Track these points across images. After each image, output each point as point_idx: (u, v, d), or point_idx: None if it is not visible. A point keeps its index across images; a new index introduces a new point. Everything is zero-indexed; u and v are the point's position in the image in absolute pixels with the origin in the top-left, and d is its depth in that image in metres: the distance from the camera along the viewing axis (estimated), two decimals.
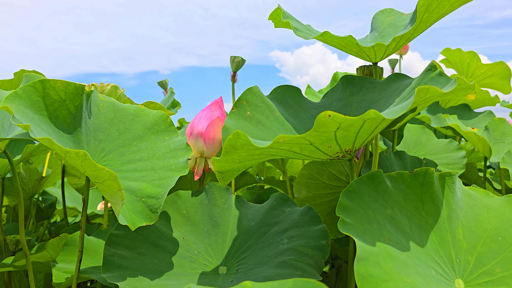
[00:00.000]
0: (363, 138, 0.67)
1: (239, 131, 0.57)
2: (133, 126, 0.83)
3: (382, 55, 0.97)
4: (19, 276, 1.25)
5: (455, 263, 0.60)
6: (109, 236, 0.75)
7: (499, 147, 1.33)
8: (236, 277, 0.71)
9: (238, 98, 0.87)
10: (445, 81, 0.71)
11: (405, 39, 0.91)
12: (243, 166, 0.73)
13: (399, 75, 0.91)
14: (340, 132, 0.60)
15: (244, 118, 0.84)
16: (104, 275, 0.68)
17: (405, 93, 0.78)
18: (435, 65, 0.75)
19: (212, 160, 0.67)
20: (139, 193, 0.71)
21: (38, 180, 1.52)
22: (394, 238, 0.58)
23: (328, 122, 0.54)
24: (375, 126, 0.63)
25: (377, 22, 1.08)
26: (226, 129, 0.81)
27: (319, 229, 0.76)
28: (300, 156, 0.70)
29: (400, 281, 0.48)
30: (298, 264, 0.68)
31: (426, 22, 0.87)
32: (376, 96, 0.89)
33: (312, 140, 0.60)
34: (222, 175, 0.74)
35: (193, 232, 0.82)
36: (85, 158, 0.61)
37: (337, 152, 0.69)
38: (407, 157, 1.17)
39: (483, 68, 1.78)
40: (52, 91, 0.74)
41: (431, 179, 0.67)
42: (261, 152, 0.65)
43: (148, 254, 0.75)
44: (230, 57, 1.34)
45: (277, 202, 0.86)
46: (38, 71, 1.15)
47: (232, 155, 0.63)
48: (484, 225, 0.65)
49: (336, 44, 0.95)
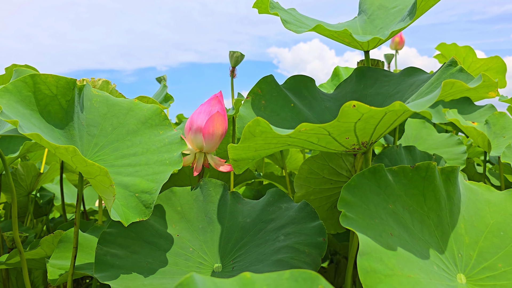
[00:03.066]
0: (381, 131, 0.67)
1: (259, 118, 0.57)
2: (127, 121, 0.81)
3: (375, 44, 0.95)
4: (16, 273, 1.24)
5: (457, 258, 0.59)
6: (101, 234, 0.73)
7: (499, 142, 1.32)
8: (231, 275, 0.69)
9: (253, 87, 0.87)
10: (465, 77, 0.71)
11: (399, 29, 0.89)
12: (258, 154, 0.73)
13: (414, 69, 0.90)
14: (360, 124, 0.59)
15: (259, 107, 0.85)
16: (96, 275, 0.67)
17: (423, 88, 0.77)
18: (456, 61, 0.74)
19: (229, 147, 0.66)
20: (133, 188, 0.70)
21: (36, 176, 1.51)
22: (397, 233, 0.56)
23: (351, 112, 0.54)
24: (394, 118, 0.63)
25: (366, 3, 1.04)
26: (241, 117, 0.82)
27: (315, 226, 0.74)
28: (316, 146, 0.69)
29: (403, 276, 0.47)
30: (295, 262, 0.67)
31: (422, 9, 0.85)
32: (392, 90, 0.88)
33: (331, 130, 0.60)
34: (237, 163, 0.74)
35: (188, 229, 0.80)
36: (75, 154, 0.59)
37: (353, 144, 0.69)
38: (417, 152, 1.16)
39: (478, 63, 1.77)
40: (43, 86, 0.73)
41: (433, 174, 0.65)
42: (278, 141, 0.65)
43: (142, 252, 0.73)
44: (229, 52, 1.32)
45: (273, 198, 0.85)
46: (32, 66, 1.13)
47: (249, 142, 0.63)
48: (486, 219, 0.64)
49: (329, 35, 0.93)
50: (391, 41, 2.30)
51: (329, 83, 1.74)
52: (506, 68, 1.76)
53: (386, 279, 0.46)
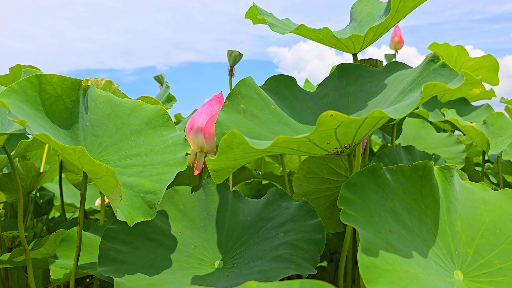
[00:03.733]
0: (363, 134, 0.67)
1: (235, 130, 0.55)
2: (131, 121, 0.82)
3: (361, 46, 0.95)
4: (17, 272, 1.25)
5: (454, 255, 0.60)
6: (105, 230, 0.75)
7: (497, 141, 1.34)
8: (231, 271, 0.71)
9: (231, 90, 0.84)
10: (448, 73, 0.70)
11: (382, 29, 0.89)
12: (238, 163, 0.72)
13: (397, 63, 0.89)
14: (341, 129, 0.59)
15: (238, 111, 0.82)
16: (99, 269, 0.68)
17: (405, 85, 0.77)
18: (438, 55, 0.74)
19: (207, 159, 0.66)
20: (137, 189, 0.71)
21: (35, 176, 1.51)
22: (395, 230, 0.58)
23: (329, 121, 0.53)
24: (376, 122, 0.63)
25: (356, 12, 1.06)
26: (220, 123, 0.79)
27: (314, 223, 0.75)
28: (297, 152, 0.69)
29: (402, 271, 0.49)
30: (293, 258, 0.68)
31: (402, 10, 0.84)
32: (374, 87, 0.88)
33: (311, 137, 0.59)
34: (217, 173, 0.72)
35: (190, 227, 0.81)
36: (83, 154, 0.60)
37: (336, 148, 0.69)
38: (416, 152, 1.17)
39: (471, 62, 1.79)
40: (49, 86, 0.74)
41: (430, 173, 0.67)
42: (257, 150, 0.64)
43: (144, 248, 0.75)
44: (227, 52, 1.33)
45: (273, 197, 0.86)
46: (34, 66, 1.13)
47: (227, 154, 0.62)
48: (482, 218, 0.66)
49: (313, 37, 0.92)
50: (390, 41, 2.31)
51: None
52: (498, 66, 1.78)
53: (386, 274, 0.48)
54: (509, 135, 1.33)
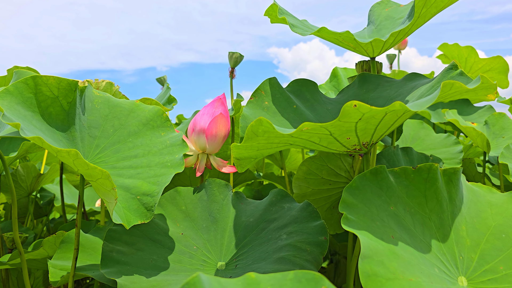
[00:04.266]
0: (381, 132, 0.68)
1: (262, 117, 0.58)
2: (129, 122, 0.81)
3: (380, 50, 0.97)
4: (17, 273, 1.24)
5: (458, 261, 0.59)
6: (107, 231, 0.74)
7: (498, 142, 1.32)
8: (234, 273, 0.70)
9: (257, 87, 0.89)
10: (465, 81, 0.72)
11: (403, 34, 0.90)
12: (261, 154, 0.74)
13: (416, 74, 0.92)
14: (361, 124, 0.60)
15: (262, 108, 0.87)
16: (102, 271, 0.68)
17: (423, 91, 0.78)
18: (456, 64, 0.76)
19: (232, 146, 0.67)
20: (134, 191, 0.70)
21: (36, 177, 1.51)
22: (398, 235, 0.57)
23: (352, 112, 0.54)
24: (395, 119, 0.64)
25: (374, 14, 1.07)
26: (245, 117, 0.84)
27: (317, 225, 0.75)
28: (317, 146, 0.70)
29: (405, 280, 0.48)
30: (296, 260, 0.68)
31: (424, 16, 0.86)
32: (393, 94, 0.90)
33: (332, 130, 0.60)
34: (240, 162, 0.75)
35: (192, 228, 0.81)
36: (77, 157, 0.59)
37: (354, 145, 0.70)
38: (414, 153, 1.17)
39: (480, 63, 1.77)
40: (45, 87, 0.73)
41: (435, 175, 0.66)
42: (280, 141, 0.66)
43: (147, 249, 0.75)
44: (228, 53, 1.32)
45: (276, 198, 0.86)
46: (33, 68, 1.12)
47: (252, 141, 0.64)
48: (487, 222, 0.64)
49: (333, 39, 0.95)
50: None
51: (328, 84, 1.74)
52: (508, 68, 1.76)
53: (388, 283, 0.47)
54: (510, 135, 1.31)
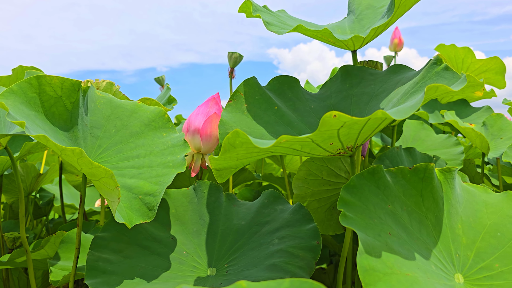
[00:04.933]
0: (365, 135, 0.67)
1: (239, 130, 0.56)
2: (131, 123, 0.82)
3: (361, 44, 0.92)
4: (18, 273, 1.25)
5: (454, 258, 0.60)
6: (93, 239, 0.71)
7: (497, 143, 1.33)
8: (225, 280, 0.68)
9: (235, 90, 0.84)
10: (451, 76, 0.70)
11: (383, 27, 0.87)
12: (241, 163, 0.72)
13: (400, 66, 0.88)
14: (343, 130, 0.59)
15: (241, 111, 0.82)
16: (87, 282, 0.65)
17: (408, 87, 0.76)
18: (440, 58, 0.73)
19: (210, 158, 0.65)
20: (136, 191, 0.71)
21: (35, 177, 1.51)
22: (395, 233, 0.58)
23: (332, 121, 0.53)
24: (378, 123, 0.63)
25: (354, 3, 1.03)
26: (223, 123, 0.79)
27: (310, 229, 0.73)
28: (300, 153, 0.69)
29: (402, 274, 0.49)
30: (288, 267, 0.66)
31: (404, 6, 0.83)
32: (377, 89, 0.87)
33: (314, 138, 0.59)
34: (220, 173, 0.72)
35: (182, 232, 0.78)
36: (81, 156, 0.60)
37: (338, 149, 0.68)
38: (417, 154, 1.17)
39: (477, 64, 1.78)
40: (48, 87, 0.74)
41: (431, 175, 0.67)
42: (260, 150, 0.64)
43: (135, 257, 0.71)
44: (227, 53, 1.33)
45: (268, 200, 0.83)
46: (37, 68, 1.13)
47: (230, 153, 0.62)
48: (483, 220, 0.65)
49: (312, 35, 0.91)
50: (390, 43, 2.31)
51: None
52: (505, 68, 1.77)
53: (385, 278, 0.47)
54: (508, 136, 1.33)
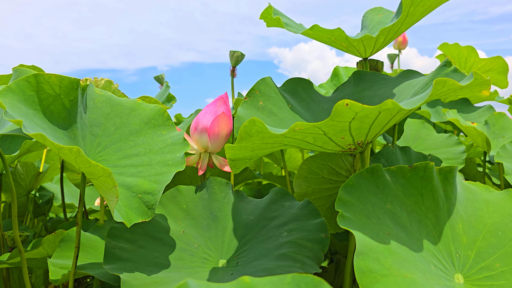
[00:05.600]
0: (376, 131, 0.68)
1: (255, 118, 0.57)
2: (130, 121, 0.82)
3: (372, 50, 0.97)
4: (19, 272, 1.25)
5: (454, 258, 0.59)
6: (110, 229, 0.75)
7: (499, 142, 1.33)
8: (235, 270, 0.71)
9: (251, 88, 0.88)
10: (459, 78, 0.71)
11: (393, 33, 0.91)
12: (256, 154, 0.74)
13: (411, 71, 0.92)
14: (355, 123, 0.60)
15: (257, 108, 0.86)
16: (106, 267, 0.69)
17: (418, 88, 0.79)
18: (450, 61, 0.76)
19: (226, 147, 0.67)
20: (135, 189, 0.71)
21: (35, 175, 1.51)
22: (394, 233, 0.57)
23: (345, 111, 0.54)
24: (389, 118, 0.63)
25: (367, 20, 1.09)
26: (239, 118, 0.83)
27: (318, 223, 0.76)
28: (312, 146, 0.70)
29: (400, 276, 0.48)
30: (297, 256, 0.69)
31: (412, 15, 0.86)
32: (388, 92, 0.90)
33: (326, 130, 0.60)
34: (234, 163, 0.75)
35: (193, 226, 0.82)
36: (79, 155, 0.60)
37: (349, 144, 0.69)
38: (412, 153, 1.17)
39: (480, 63, 1.78)
40: (46, 85, 0.73)
41: (431, 174, 0.66)
42: (275, 141, 0.65)
43: (149, 247, 0.76)
44: (229, 52, 1.33)
45: (276, 197, 0.86)
46: (38, 67, 1.13)
47: (246, 142, 0.63)
48: (484, 219, 0.65)
49: (326, 39, 0.95)
50: (394, 41, 2.31)
51: (329, 83, 1.75)
52: (508, 68, 1.77)
53: (382, 279, 0.47)
54: (510, 135, 1.32)
